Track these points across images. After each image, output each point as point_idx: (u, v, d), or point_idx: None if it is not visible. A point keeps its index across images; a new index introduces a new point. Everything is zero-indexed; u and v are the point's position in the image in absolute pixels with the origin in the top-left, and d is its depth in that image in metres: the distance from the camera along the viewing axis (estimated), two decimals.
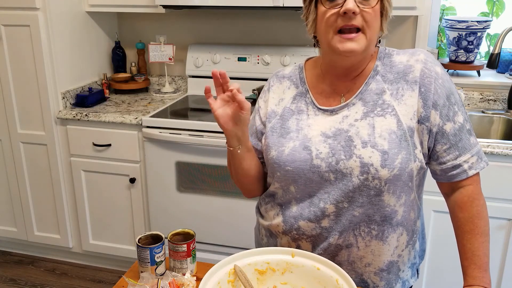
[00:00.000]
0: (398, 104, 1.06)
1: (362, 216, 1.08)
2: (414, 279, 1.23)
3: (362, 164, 1.03)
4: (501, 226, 1.94)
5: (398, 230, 1.11)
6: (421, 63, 1.07)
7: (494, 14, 2.57)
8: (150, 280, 1.08)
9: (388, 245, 1.11)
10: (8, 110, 2.49)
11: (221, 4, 2.24)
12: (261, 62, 2.55)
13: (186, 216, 2.37)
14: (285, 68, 1.22)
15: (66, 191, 2.57)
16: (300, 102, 1.15)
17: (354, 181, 1.05)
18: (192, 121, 2.22)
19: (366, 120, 1.06)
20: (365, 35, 1.02)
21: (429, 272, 2.10)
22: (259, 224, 1.28)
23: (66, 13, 2.45)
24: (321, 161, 1.07)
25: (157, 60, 2.66)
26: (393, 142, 1.03)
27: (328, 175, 1.07)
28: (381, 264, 1.12)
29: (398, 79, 1.07)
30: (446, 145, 1.07)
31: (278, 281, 1.06)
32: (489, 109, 2.34)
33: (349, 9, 0.98)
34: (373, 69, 1.10)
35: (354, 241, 1.10)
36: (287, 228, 1.15)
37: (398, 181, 1.04)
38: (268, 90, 1.21)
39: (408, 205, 1.10)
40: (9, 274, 2.66)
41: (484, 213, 1.10)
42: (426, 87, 1.05)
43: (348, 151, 1.05)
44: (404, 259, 1.16)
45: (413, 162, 1.05)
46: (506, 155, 1.85)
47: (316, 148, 1.08)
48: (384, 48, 1.13)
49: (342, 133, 1.07)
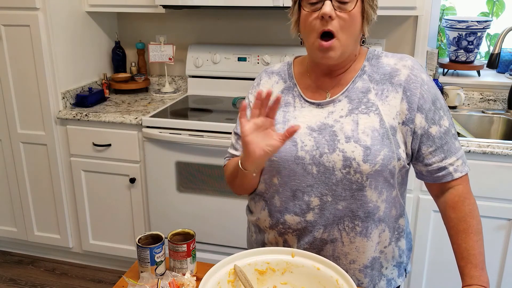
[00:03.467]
0: (382, 104, 1.09)
1: (346, 211, 1.10)
2: (401, 279, 1.25)
3: (345, 158, 1.06)
4: (501, 226, 1.94)
5: (380, 226, 1.13)
6: (408, 69, 1.10)
7: (494, 14, 2.57)
8: (150, 280, 1.08)
9: (371, 241, 1.13)
10: (8, 110, 2.49)
11: (221, 4, 2.24)
12: (261, 62, 2.55)
13: (186, 216, 2.37)
14: (275, 65, 1.26)
15: (66, 191, 2.57)
16: (288, 96, 1.18)
17: (336, 174, 1.07)
18: (192, 121, 2.22)
19: (350, 117, 1.09)
20: (339, 40, 1.04)
21: (429, 272, 2.10)
22: (249, 222, 1.31)
23: (66, 13, 2.45)
24: (305, 153, 1.09)
25: (157, 60, 2.66)
26: (376, 139, 1.06)
27: (311, 167, 1.09)
28: (365, 261, 1.15)
29: (384, 81, 1.10)
30: (432, 147, 1.10)
31: (278, 281, 1.06)
32: (489, 109, 2.34)
33: (326, 13, 1.01)
34: (360, 69, 1.13)
35: (338, 235, 1.12)
36: (274, 223, 1.17)
37: (379, 176, 1.07)
38: (257, 85, 1.24)
39: (390, 202, 1.13)
40: (9, 274, 2.66)
41: (476, 211, 1.12)
42: (411, 91, 1.08)
43: (332, 145, 1.08)
44: (388, 256, 1.18)
45: (396, 160, 1.07)
46: (506, 155, 1.85)
47: (301, 140, 1.10)
48: (374, 50, 1.16)
49: (327, 128, 1.10)
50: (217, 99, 2.61)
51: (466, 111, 2.32)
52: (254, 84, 1.26)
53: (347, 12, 1.03)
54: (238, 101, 2.51)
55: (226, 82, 2.65)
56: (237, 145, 1.24)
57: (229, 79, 2.64)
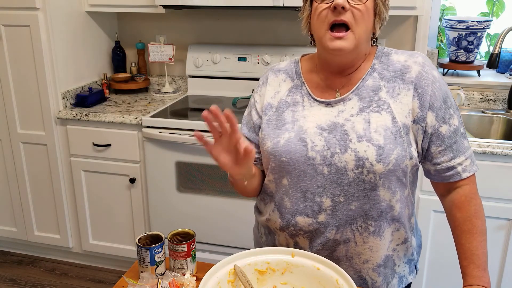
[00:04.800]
0: (393, 102, 1.07)
1: (359, 211, 1.09)
2: (412, 276, 1.23)
3: (357, 158, 1.04)
4: (501, 226, 1.94)
5: (393, 225, 1.12)
6: (419, 66, 1.08)
7: (494, 14, 2.57)
8: (150, 280, 1.08)
9: (384, 240, 1.12)
10: (8, 110, 2.49)
11: (221, 4, 2.24)
12: (261, 62, 2.55)
13: (186, 216, 2.37)
14: (281, 63, 1.24)
15: (66, 191, 2.57)
16: (296, 94, 1.16)
17: (349, 174, 1.06)
18: (192, 121, 2.22)
19: (361, 116, 1.07)
20: (354, 32, 1.03)
21: (429, 271, 2.10)
22: (257, 223, 1.29)
23: (66, 13, 2.45)
24: (316, 153, 1.08)
25: (157, 60, 2.66)
26: (388, 138, 1.04)
27: (322, 168, 1.07)
28: (378, 259, 1.14)
29: (395, 78, 1.09)
30: (441, 146, 1.09)
31: (278, 281, 1.06)
32: (489, 109, 2.34)
33: (339, 3, 1.00)
34: (370, 67, 1.11)
35: (351, 236, 1.11)
36: (285, 224, 1.15)
37: (392, 176, 1.06)
38: (263, 84, 1.22)
39: (403, 201, 1.12)
40: (9, 274, 2.66)
41: (481, 212, 1.11)
42: (423, 88, 1.06)
43: (343, 145, 1.06)
44: (400, 254, 1.17)
45: (408, 159, 1.06)
46: (506, 155, 1.85)
47: (311, 140, 1.09)
48: (383, 48, 1.15)
49: (337, 127, 1.08)
50: (217, 99, 2.61)
51: (466, 111, 2.32)
52: (259, 83, 1.24)
53: (361, 4, 1.02)
54: (238, 101, 2.51)
55: (226, 82, 2.65)
56: None
57: (229, 79, 2.64)
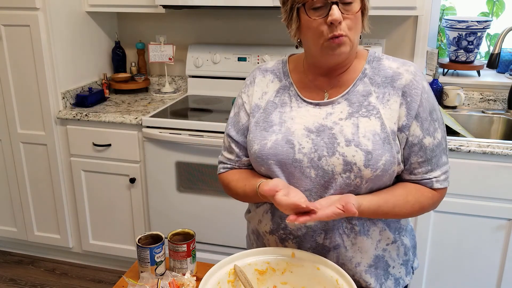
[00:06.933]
0: (383, 108, 1.07)
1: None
2: (409, 277, 1.23)
3: (345, 162, 1.04)
4: (501, 226, 1.94)
5: (379, 225, 1.12)
6: (411, 74, 1.08)
7: (494, 14, 2.57)
8: (150, 280, 1.08)
9: (371, 239, 1.12)
10: (8, 110, 2.49)
11: (221, 4, 2.24)
12: (261, 62, 2.55)
13: (186, 216, 2.37)
14: (268, 62, 1.23)
15: (66, 191, 2.57)
16: (284, 95, 1.15)
17: (336, 178, 1.05)
18: (192, 121, 2.22)
19: (350, 120, 1.07)
20: (349, 38, 1.03)
21: (429, 272, 2.10)
22: (248, 230, 1.29)
23: (66, 13, 2.45)
24: (303, 155, 1.07)
25: (157, 60, 2.66)
26: (377, 143, 1.04)
27: (309, 171, 1.07)
28: (369, 260, 1.13)
29: (386, 84, 1.09)
30: (422, 158, 1.09)
31: (278, 281, 1.06)
32: (489, 109, 2.34)
33: (336, 19, 1.00)
34: (361, 72, 1.11)
35: (340, 241, 1.11)
36: (275, 228, 1.15)
37: (378, 181, 1.06)
38: (251, 84, 1.20)
39: None
40: (9, 274, 2.66)
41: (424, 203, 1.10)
42: (412, 97, 1.06)
43: (331, 148, 1.05)
44: (392, 255, 1.17)
45: (396, 164, 1.06)
46: (506, 155, 1.85)
47: (298, 142, 1.08)
48: (374, 52, 1.15)
49: (325, 130, 1.07)
50: (217, 99, 2.61)
51: (466, 111, 2.32)
52: (247, 82, 1.22)
53: (353, 14, 1.02)
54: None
55: (226, 82, 2.65)
56: (231, 148, 1.21)
57: (229, 79, 2.64)
